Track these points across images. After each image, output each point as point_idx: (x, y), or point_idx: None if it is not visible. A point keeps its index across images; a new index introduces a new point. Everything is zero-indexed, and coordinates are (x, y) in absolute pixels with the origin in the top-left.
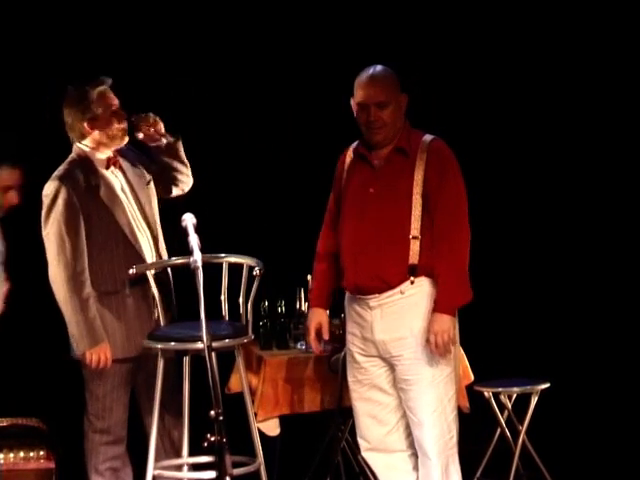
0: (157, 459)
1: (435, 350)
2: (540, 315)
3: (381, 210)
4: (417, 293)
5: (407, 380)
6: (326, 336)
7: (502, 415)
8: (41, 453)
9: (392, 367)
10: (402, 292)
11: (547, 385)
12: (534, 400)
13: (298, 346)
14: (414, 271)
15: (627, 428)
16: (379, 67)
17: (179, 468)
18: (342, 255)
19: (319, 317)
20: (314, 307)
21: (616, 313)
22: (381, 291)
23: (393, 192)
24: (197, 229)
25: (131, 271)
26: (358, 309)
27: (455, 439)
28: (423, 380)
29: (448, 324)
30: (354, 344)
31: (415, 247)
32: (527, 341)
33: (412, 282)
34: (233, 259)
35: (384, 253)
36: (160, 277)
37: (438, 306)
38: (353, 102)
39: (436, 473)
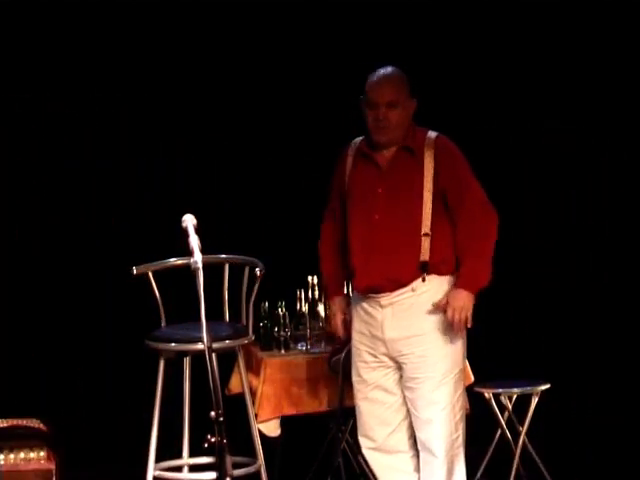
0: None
1: (452, 326)
2: (540, 316)
3: (391, 209)
4: (429, 291)
5: (416, 378)
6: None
7: (502, 416)
8: (41, 454)
9: (398, 366)
10: (414, 290)
11: (547, 386)
12: (534, 401)
13: (299, 347)
14: (426, 268)
15: (627, 428)
16: (392, 68)
17: (179, 469)
18: (352, 256)
19: (341, 303)
20: (333, 296)
21: (616, 314)
22: (393, 289)
23: (402, 190)
24: (197, 230)
25: (132, 271)
26: (367, 308)
27: (461, 439)
28: (433, 378)
29: (469, 301)
30: (362, 343)
31: (426, 244)
32: (527, 342)
33: (424, 279)
34: (234, 260)
35: (396, 251)
36: None
37: (462, 282)
38: (363, 102)
39: (441, 472)
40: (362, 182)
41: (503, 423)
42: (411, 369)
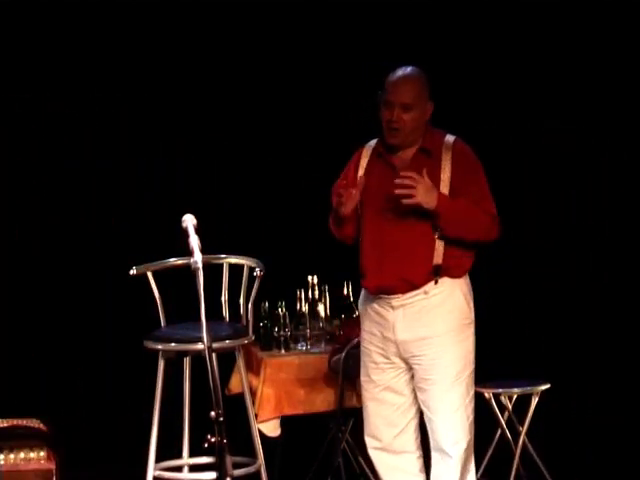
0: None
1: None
2: (540, 316)
3: (405, 210)
4: (440, 293)
5: (428, 380)
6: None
7: (502, 416)
8: (41, 454)
9: (409, 368)
10: (426, 292)
11: (547, 386)
12: (534, 401)
13: (299, 347)
14: (438, 271)
15: (627, 428)
16: (412, 69)
17: (180, 469)
18: (363, 256)
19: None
20: None
21: (616, 314)
22: (405, 291)
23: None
24: (197, 230)
25: (131, 271)
26: (378, 309)
27: (472, 441)
28: (446, 380)
29: (432, 201)
30: (372, 343)
31: (440, 247)
32: (527, 342)
33: (436, 282)
34: (234, 260)
35: (409, 253)
36: None
37: (448, 200)
38: (380, 100)
39: (455, 472)
40: (376, 182)
41: (503, 423)
42: (424, 370)
